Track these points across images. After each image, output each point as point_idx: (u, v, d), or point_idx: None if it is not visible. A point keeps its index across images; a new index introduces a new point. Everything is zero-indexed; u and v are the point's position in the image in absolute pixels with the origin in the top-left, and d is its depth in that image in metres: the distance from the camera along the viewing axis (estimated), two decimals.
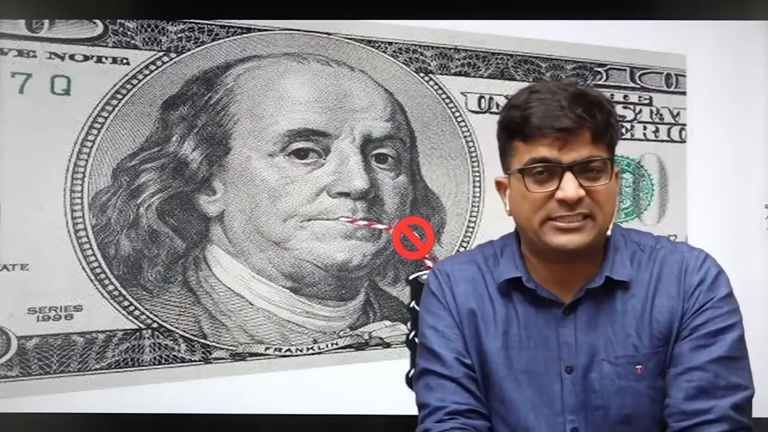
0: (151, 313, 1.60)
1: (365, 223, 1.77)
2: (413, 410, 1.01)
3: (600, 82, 2.06)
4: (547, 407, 0.93)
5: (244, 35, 1.70)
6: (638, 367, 0.92)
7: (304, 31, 1.75)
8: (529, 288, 0.95)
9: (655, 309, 0.93)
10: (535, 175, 0.89)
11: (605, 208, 0.90)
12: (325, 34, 1.77)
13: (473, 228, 1.89)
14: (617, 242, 0.97)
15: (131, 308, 1.58)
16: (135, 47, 1.60)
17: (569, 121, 0.86)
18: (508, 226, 1.02)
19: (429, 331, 1.00)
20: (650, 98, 2.13)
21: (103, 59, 1.58)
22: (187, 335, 1.63)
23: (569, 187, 0.87)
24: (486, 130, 1.89)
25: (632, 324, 0.93)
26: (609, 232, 0.94)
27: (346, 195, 1.74)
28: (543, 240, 0.90)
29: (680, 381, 0.89)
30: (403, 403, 1.03)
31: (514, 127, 0.90)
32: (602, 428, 0.91)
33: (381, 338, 1.80)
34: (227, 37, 1.68)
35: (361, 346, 1.78)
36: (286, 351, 1.71)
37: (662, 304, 0.93)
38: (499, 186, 0.99)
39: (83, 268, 1.54)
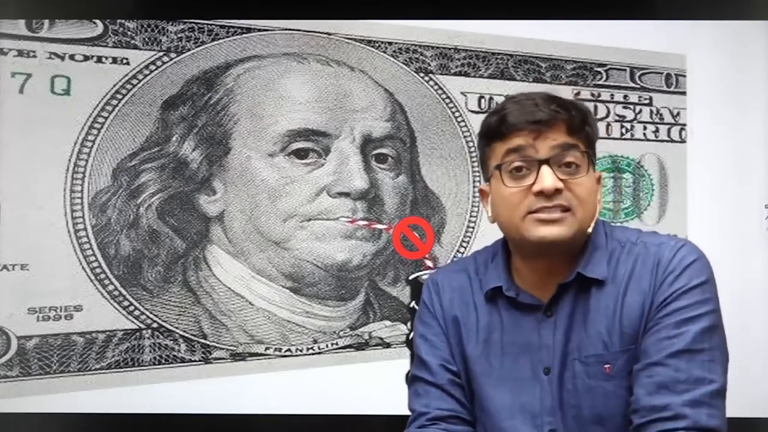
0: (151, 313, 1.60)
1: (365, 223, 1.77)
2: None
3: (600, 82, 2.06)
4: (527, 411, 0.93)
5: (244, 35, 1.70)
6: (606, 366, 0.89)
7: (304, 31, 1.75)
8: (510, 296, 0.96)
9: (626, 306, 0.90)
10: (512, 171, 0.90)
11: (584, 203, 0.89)
12: (325, 34, 1.77)
13: (473, 228, 1.89)
14: (598, 241, 0.95)
15: (131, 308, 1.58)
16: (135, 47, 1.60)
17: (544, 114, 0.88)
18: None
19: (419, 339, 1.02)
20: (650, 98, 2.12)
21: (103, 59, 1.58)
22: (187, 335, 1.63)
23: (546, 178, 0.87)
24: None
25: (603, 322, 0.91)
26: (590, 230, 0.93)
27: (346, 195, 1.74)
28: (524, 235, 0.90)
29: (642, 377, 0.86)
30: (403, 403, 1.03)
31: (492, 130, 0.92)
32: (577, 428, 0.90)
33: (381, 338, 1.80)
34: (227, 37, 1.68)
35: (361, 346, 1.78)
36: (286, 351, 1.71)
37: (634, 300, 0.90)
38: (482, 194, 1.00)
39: (83, 268, 1.54)
